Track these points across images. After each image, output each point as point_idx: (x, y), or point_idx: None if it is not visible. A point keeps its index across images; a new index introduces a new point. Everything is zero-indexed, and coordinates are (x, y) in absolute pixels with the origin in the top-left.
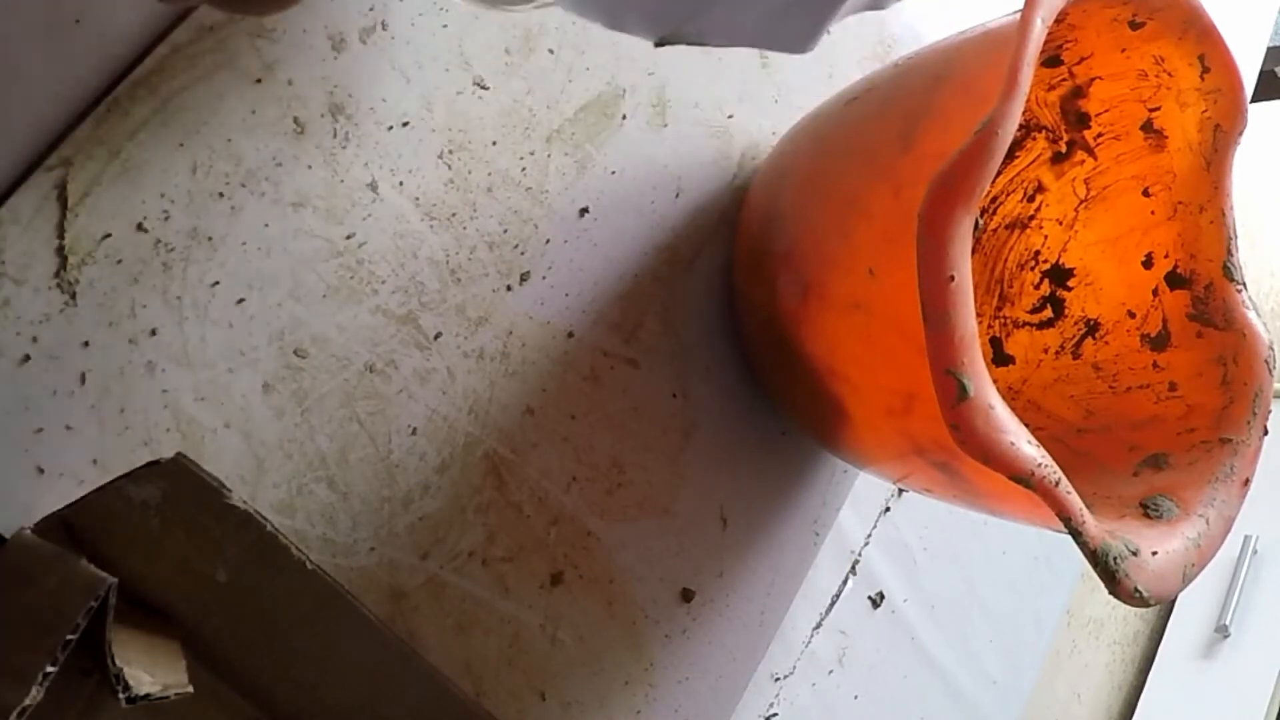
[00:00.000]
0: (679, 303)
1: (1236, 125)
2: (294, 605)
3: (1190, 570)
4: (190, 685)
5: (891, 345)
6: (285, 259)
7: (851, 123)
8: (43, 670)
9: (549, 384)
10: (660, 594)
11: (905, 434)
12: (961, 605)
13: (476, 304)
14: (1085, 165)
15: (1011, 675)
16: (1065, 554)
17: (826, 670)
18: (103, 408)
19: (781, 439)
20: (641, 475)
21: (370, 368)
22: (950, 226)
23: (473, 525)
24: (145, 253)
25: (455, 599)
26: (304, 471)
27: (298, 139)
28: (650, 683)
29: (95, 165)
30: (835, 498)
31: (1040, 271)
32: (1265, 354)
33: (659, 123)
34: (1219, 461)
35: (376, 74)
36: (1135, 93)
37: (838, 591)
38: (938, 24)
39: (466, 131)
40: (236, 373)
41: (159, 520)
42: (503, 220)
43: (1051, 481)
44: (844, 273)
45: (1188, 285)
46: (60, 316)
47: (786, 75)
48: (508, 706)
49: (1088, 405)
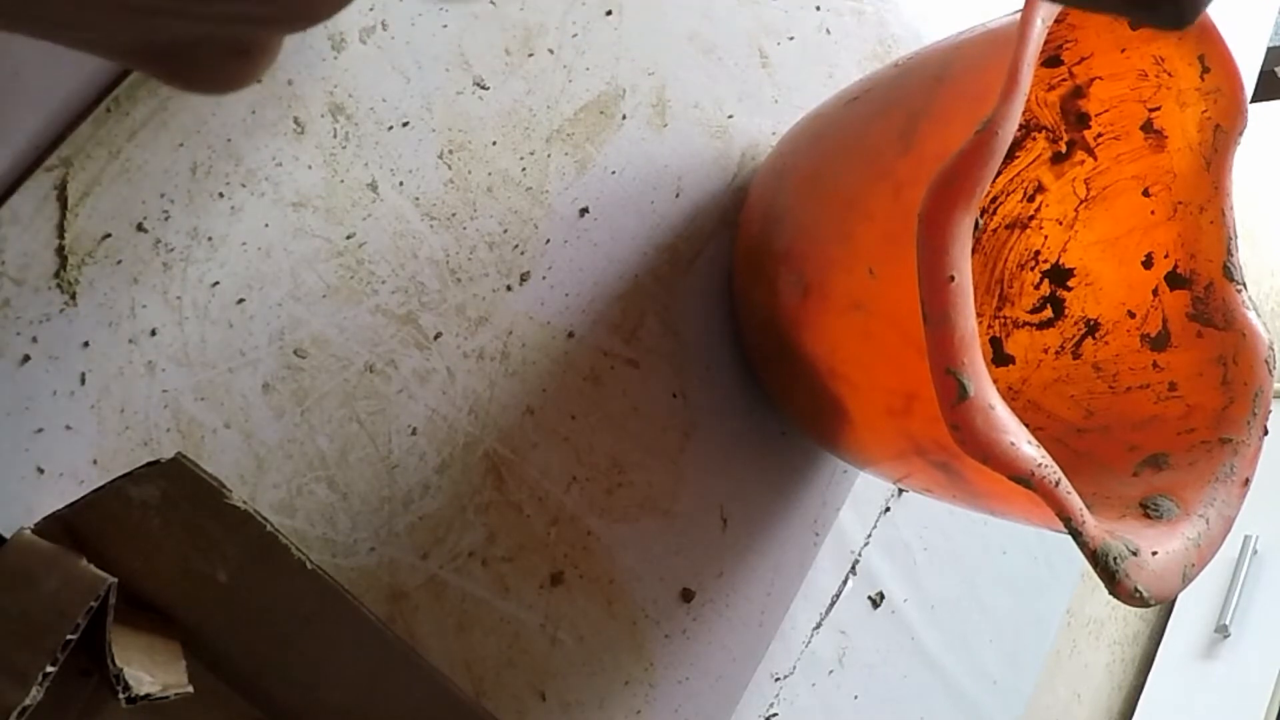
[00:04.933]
0: (679, 303)
1: (1236, 125)
2: (294, 605)
3: (1190, 570)
4: (190, 685)
5: (891, 345)
6: (285, 259)
7: (851, 123)
8: (43, 670)
9: (549, 384)
10: (660, 594)
11: (905, 434)
12: (961, 605)
13: (476, 304)
14: (1085, 165)
15: (1012, 675)
16: (1065, 554)
17: (826, 670)
18: (103, 408)
19: (781, 439)
20: (641, 475)
21: (370, 368)
22: (950, 226)
23: (473, 525)
24: (145, 253)
25: (455, 599)
26: (304, 471)
27: (298, 139)
28: (650, 683)
29: (95, 165)
30: (835, 498)
31: (1040, 271)
32: (1265, 354)
33: (659, 123)
34: (1219, 461)
35: (376, 74)
36: (1135, 93)
37: (838, 591)
38: (938, 24)
39: (466, 131)
40: (236, 373)
41: (159, 520)
42: (503, 220)
43: (1051, 481)
44: (844, 273)
45: (1188, 285)
46: (60, 316)
47: (786, 75)
48: (508, 706)
49: (1088, 405)
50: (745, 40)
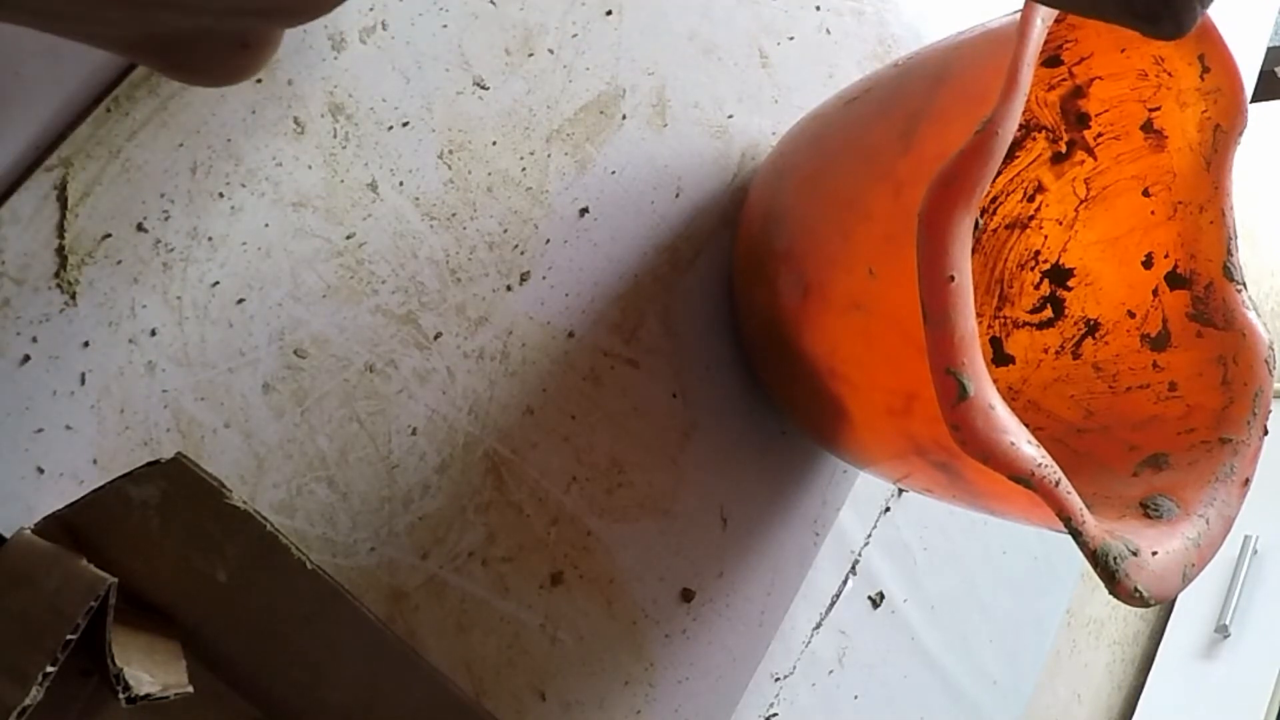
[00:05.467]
0: (679, 303)
1: (1236, 125)
2: (294, 605)
3: (1190, 570)
4: (190, 685)
5: (891, 345)
6: (285, 259)
7: (851, 123)
8: (43, 670)
9: (549, 384)
10: (660, 594)
11: (905, 434)
12: (961, 605)
13: (476, 304)
14: (1085, 165)
15: (1012, 675)
16: (1065, 554)
17: (826, 670)
18: (103, 408)
19: (781, 439)
20: (641, 475)
21: (370, 368)
22: (950, 226)
23: (473, 525)
24: (145, 253)
25: (455, 599)
26: (304, 471)
27: (298, 139)
28: (650, 683)
29: (95, 165)
30: (835, 498)
31: (1040, 271)
32: (1265, 354)
33: (659, 123)
34: (1219, 461)
35: (376, 74)
36: (1135, 93)
37: (838, 591)
38: (938, 24)
39: (466, 131)
40: (236, 373)
41: (159, 520)
42: (503, 220)
43: (1051, 481)
44: (844, 273)
45: (1188, 285)
46: (60, 316)
47: (786, 75)
48: (508, 706)
49: (1088, 405)
50: (745, 40)
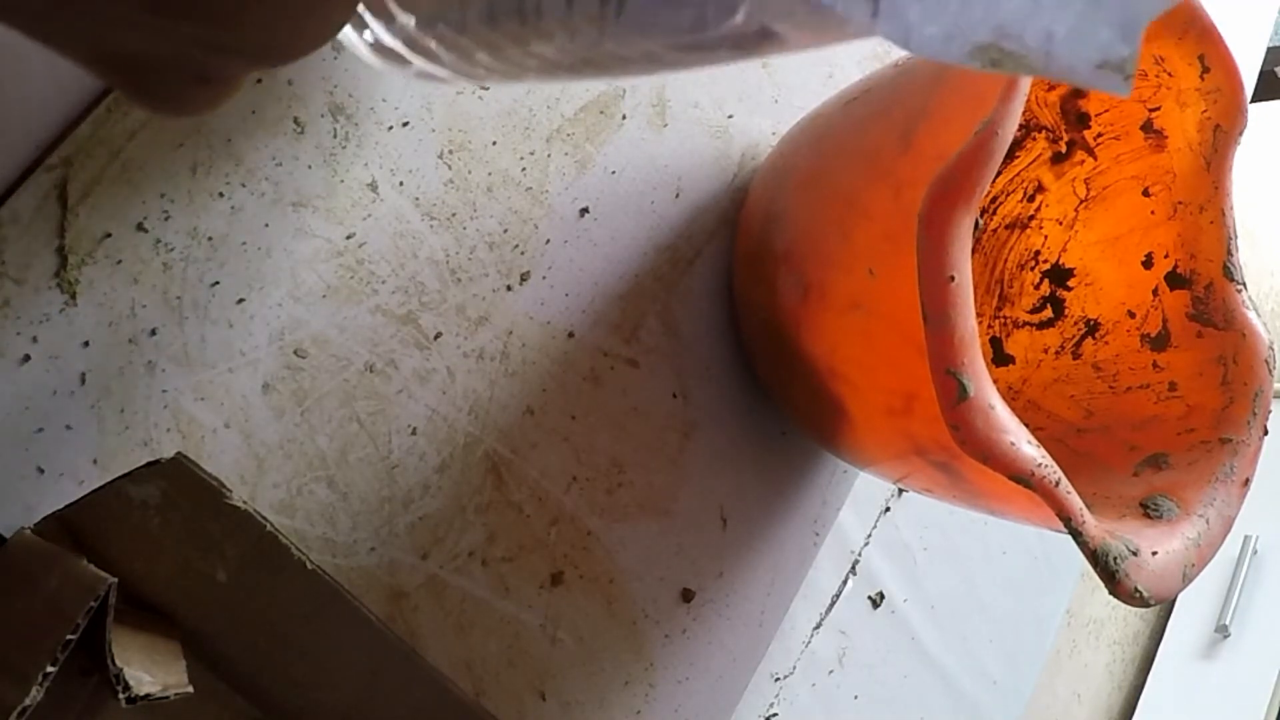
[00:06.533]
0: (679, 303)
1: (1236, 125)
2: (294, 605)
3: (1190, 570)
4: (190, 685)
5: (891, 345)
6: (285, 259)
7: (851, 123)
8: (43, 670)
9: (549, 384)
10: (660, 594)
11: (905, 434)
12: (961, 605)
13: (476, 304)
14: (1085, 165)
15: (1012, 675)
16: (1065, 554)
17: (826, 670)
18: (103, 408)
19: (781, 439)
20: (641, 475)
21: (370, 368)
22: (950, 226)
23: (473, 525)
24: (145, 253)
25: (455, 599)
26: (304, 471)
27: (298, 139)
28: (650, 683)
29: (95, 165)
30: (835, 498)
31: (1040, 271)
32: (1265, 354)
33: (659, 123)
34: (1219, 461)
35: (376, 74)
36: (1135, 92)
37: (838, 591)
38: None
39: (466, 131)
40: (236, 373)
41: (159, 520)
42: (503, 220)
43: (1051, 481)
44: (844, 273)
45: (1188, 285)
46: (60, 316)
47: (786, 75)
48: (508, 706)
49: (1088, 405)
50: None
